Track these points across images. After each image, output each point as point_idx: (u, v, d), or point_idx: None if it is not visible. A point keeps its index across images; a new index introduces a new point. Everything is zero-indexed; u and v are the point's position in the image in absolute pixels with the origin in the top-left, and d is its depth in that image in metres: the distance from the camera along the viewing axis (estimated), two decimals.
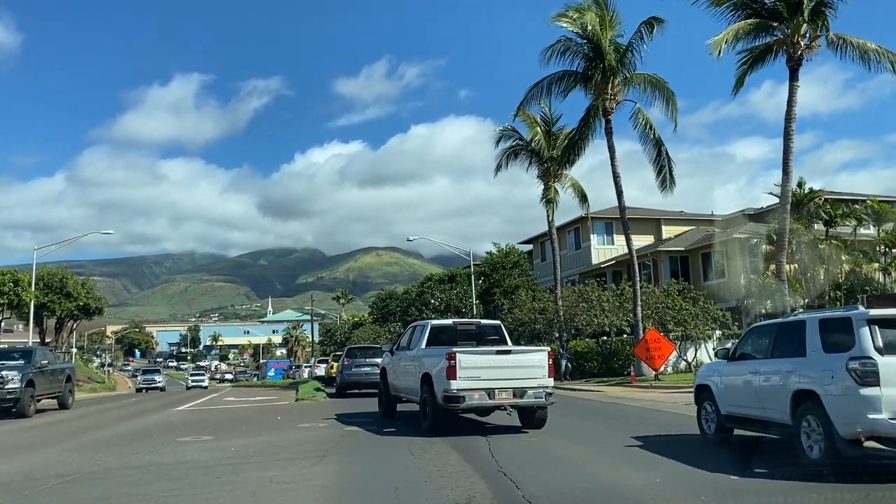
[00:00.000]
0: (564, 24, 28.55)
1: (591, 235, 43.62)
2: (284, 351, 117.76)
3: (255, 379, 72.83)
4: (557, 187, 35.03)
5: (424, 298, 49.64)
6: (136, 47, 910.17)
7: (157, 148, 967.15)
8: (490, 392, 11.65)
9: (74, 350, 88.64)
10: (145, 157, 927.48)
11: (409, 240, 47.21)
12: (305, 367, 53.64)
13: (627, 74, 29.01)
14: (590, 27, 28.23)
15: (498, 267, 41.40)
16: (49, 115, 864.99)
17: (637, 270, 29.23)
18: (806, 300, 32.88)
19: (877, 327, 7.93)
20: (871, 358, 7.76)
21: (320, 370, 41.34)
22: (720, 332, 32.34)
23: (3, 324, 42.86)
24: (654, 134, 29.12)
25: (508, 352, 12.37)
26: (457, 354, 11.61)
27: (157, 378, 52.33)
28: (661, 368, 27.46)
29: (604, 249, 43.71)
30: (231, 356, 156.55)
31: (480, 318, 48.03)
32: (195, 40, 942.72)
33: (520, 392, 11.73)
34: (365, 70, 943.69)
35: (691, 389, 22.77)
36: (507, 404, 11.97)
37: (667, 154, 29.20)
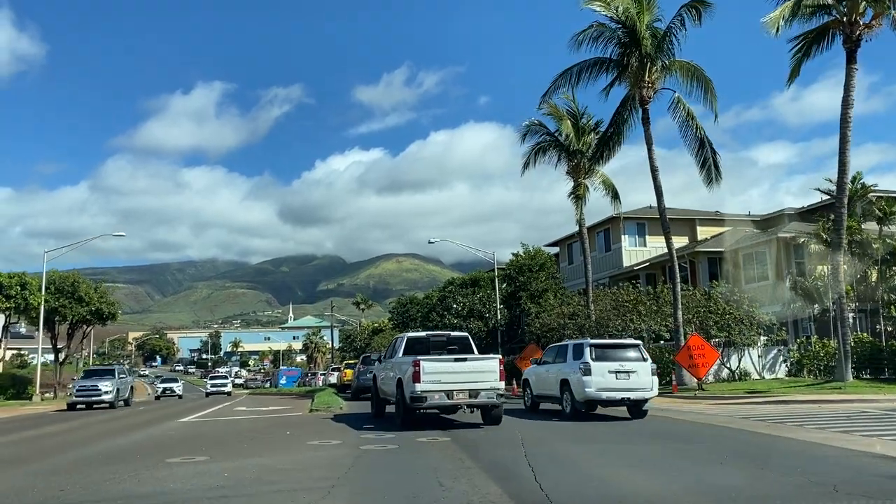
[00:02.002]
0: (598, 8, 26.66)
1: (623, 236, 41.47)
2: (304, 357, 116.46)
3: (269, 385, 71.31)
4: (588, 184, 32.95)
5: (446, 303, 47.72)
6: (158, 56, 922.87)
7: (180, 156, 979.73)
8: (449, 393, 13.93)
9: (83, 355, 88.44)
10: (168, 165, 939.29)
11: (430, 242, 45.46)
12: (321, 374, 52.13)
13: (666, 62, 27.01)
14: (625, 11, 26.31)
15: (524, 269, 39.32)
16: (73, 123, 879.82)
17: (678, 272, 27.11)
18: (856, 304, 30.54)
19: (593, 348, 16.87)
20: (588, 362, 16.34)
21: (333, 378, 40.01)
22: (765, 337, 30.11)
23: (10, 328, 41.78)
24: (696, 124, 27.07)
25: (465, 359, 14.57)
26: (421, 362, 13.88)
27: (175, 386, 52.32)
28: (705, 377, 25.32)
29: (635, 251, 41.54)
30: (251, 362, 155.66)
31: (505, 323, 46.06)
32: (217, 49, 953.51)
33: (474, 393, 14.08)
34: (385, 77, 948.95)
35: (742, 400, 20.83)
36: (463, 403, 14.35)
37: (710, 145, 27.13)
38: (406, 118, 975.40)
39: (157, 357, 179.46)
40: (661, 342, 30.26)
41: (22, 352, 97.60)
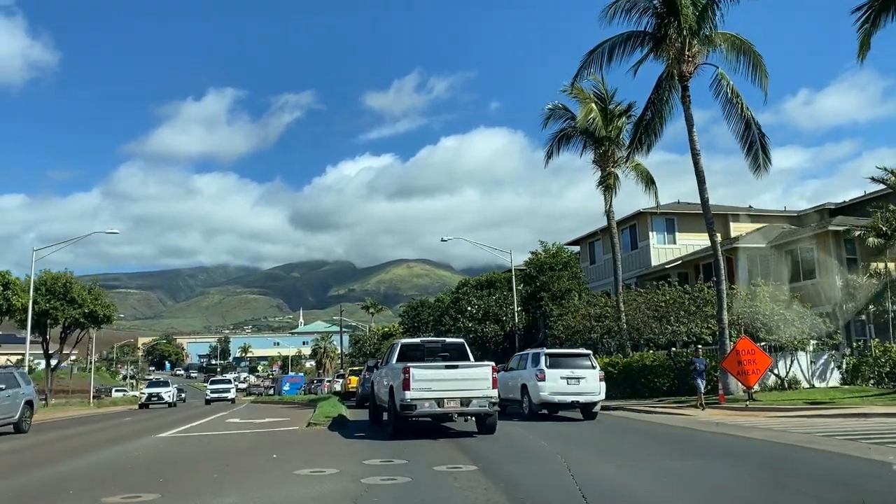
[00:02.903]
0: None
1: (650, 233, 38.55)
2: (313, 363, 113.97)
3: (272, 393, 68.45)
4: (617, 173, 30.03)
5: (460, 306, 44.94)
6: (170, 63, 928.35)
7: (191, 162, 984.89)
8: (440, 401, 13.49)
9: (86, 360, 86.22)
10: (179, 171, 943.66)
11: (443, 240, 42.66)
12: (326, 381, 49.55)
13: (708, 33, 24.20)
14: None
15: (545, 268, 36.42)
16: (85, 130, 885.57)
17: (723, 268, 24.24)
18: None
19: (548, 357, 19.89)
20: (543, 369, 19.41)
21: (338, 385, 37.59)
22: (814, 341, 27.12)
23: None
24: (742, 103, 24.20)
25: (456, 366, 14.06)
26: (410, 369, 13.46)
27: (165, 392, 43.33)
28: (755, 386, 22.41)
29: (664, 249, 38.60)
30: (260, 368, 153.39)
31: (523, 326, 43.17)
32: (229, 56, 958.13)
33: (466, 401, 13.58)
34: (396, 83, 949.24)
35: (805, 412, 17.81)
36: (454, 412, 13.80)
37: (758, 127, 24.25)
38: (417, 123, 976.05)
39: (167, 363, 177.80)
40: (698, 346, 27.35)
41: (19, 356, 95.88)
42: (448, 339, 18.01)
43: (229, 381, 53.59)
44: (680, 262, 35.18)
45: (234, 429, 18.41)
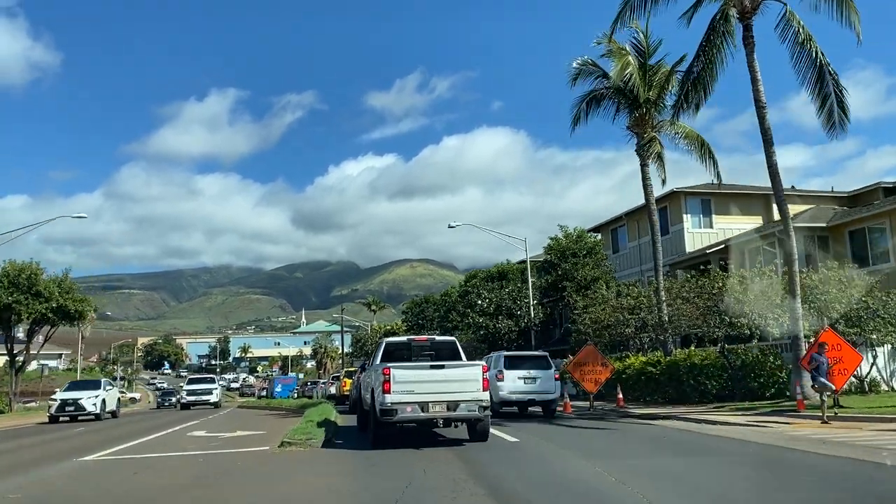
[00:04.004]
0: None
1: (685, 216, 34.31)
2: (314, 363, 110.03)
3: (265, 394, 63.82)
4: (659, 140, 25.61)
5: (469, 299, 40.74)
6: (172, 63, 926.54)
7: (193, 163, 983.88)
8: (423, 405, 12.32)
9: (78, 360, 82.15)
10: (182, 172, 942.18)
11: (450, 226, 38.40)
12: (321, 383, 45.43)
13: None
14: None
15: (567, 255, 32.13)
16: (88, 131, 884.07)
17: (794, 246, 19.99)
18: None
19: (506, 358, 21.33)
20: (502, 370, 20.83)
21: (332, 388, 33.63)
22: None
23: None
24: (815, 48, 19.94)
25: (442, 366, 12.85)
26: (391, 369, 12.37)
27: (86, 399, 28.61)
28: (842, 388, 18.16)
29: (699, 234, 34.37)
30: (260, 368, 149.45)
31: (539, 321, 38.94)
32: (230, 56, 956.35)
33: (453, 405, 12.41)
34: (398, 83, 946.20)
35: None
36: (440, 417, 12.58)
37: (834, 76, 20.00)
38: (419, 123, 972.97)
39: (166, 363, 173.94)
40: (752, 341, 23.16)
41: (18, 357, 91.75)
42: (438, 337, 16.87)
43: (212, 381, 43.17)
44: (723, 245, 30.89)
45: (190, 448, 14.26)
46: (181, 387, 40.04)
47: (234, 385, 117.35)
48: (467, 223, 41.51)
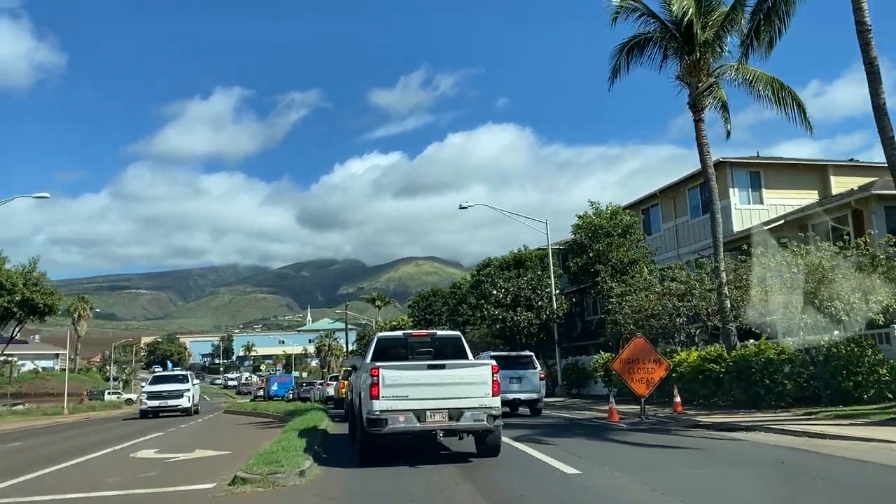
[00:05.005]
0: None
1: (731, 190, 29.95)
2: (317, 362, 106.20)
3: (262, 394, 59.21)
4: (714, 87, 21.13)
5: (483, 289, 36.52)
6: (177, 62, 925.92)
7: (199, 162, 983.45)
8: (420, 414, 10.28)
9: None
10: (187, 171, 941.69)
11: (461, 207, 34.19)
12: (319, 384, 41.36)
13: None
14: None
15: (600, 234, 27.75)
16: (93, 131, 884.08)
17: None
18: None
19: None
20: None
21: (331, 389, 29.71)
22: None
23: None
24: None
25: (442, 366, 10.68)
26: (379, 370, 10.35)
27: None
28: None
29: (748, 210, 30.04)
30: (263, 367, 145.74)
31: (563, 313, 34.67)
32: (234, 54, 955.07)
33: (456, 414, 10.37)
34: (402, 80, 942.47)
35: None
36: (440, 428, 10.48)
37: None
38: (423, 121, 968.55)
39: (169, 362, 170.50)
40: (836, 332, 18.83)
41: (12, 358, 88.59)
42: (440, 332, 14.26)
43: (183, 380, 32.84)
44: (783, 221, 26.50)
45: (108, 486, 10.10)
46: (141, 387, 32.03)
47: (231, 383, 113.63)
48: (481, 203, 37.22)
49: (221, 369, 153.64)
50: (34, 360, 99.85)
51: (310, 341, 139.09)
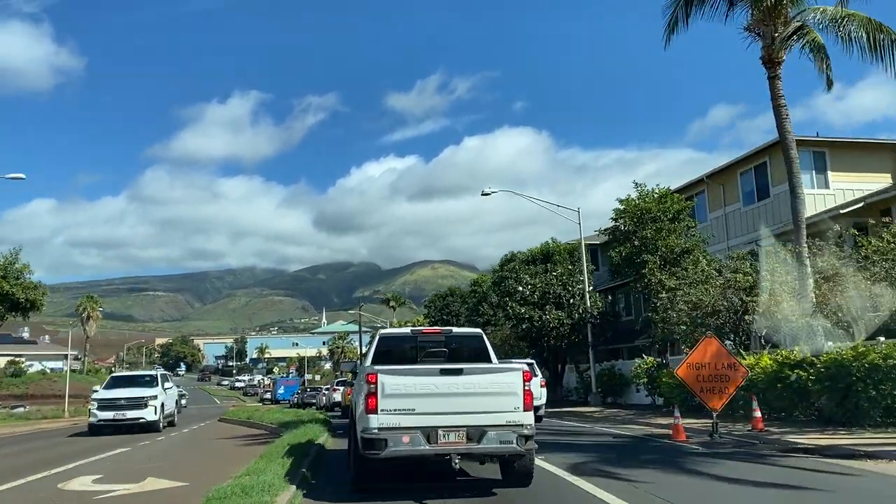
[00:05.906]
0: None
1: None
2: (331, 365, 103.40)
3: (268, 397, 56.04)
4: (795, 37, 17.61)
5: (506, 286, 33.08)
6: (195, 66, 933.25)
7: (217, 166, 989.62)
8: (429, 433, 7.95)
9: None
10: (205, 174, 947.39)
11: (484, 193, 30.84)
12: (324, 390, 38.29)
13: None
14: None
15: (646, 220, 24.17)
16: (113, 134, 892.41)
17: None
18: None
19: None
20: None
21: (337, 395, 26.72)
22: None
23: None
24: None
25: (459, 371, 8.24)
26: (377, 375, 8.09)
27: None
28: None
29: (812, 195, 26.33)
30: (276, 370, 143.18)
31: (599, 312, 31.10)
32: (253, 58, 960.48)
33: (476, 433, 8.04)
34: (419, 84, 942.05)
35: None
36: (456, 451, 8.01)
37: None
38: (440, 124, 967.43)
39: (182, 364, 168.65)
40: None
41: (19, 358, 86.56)
42: (456, 329, 11.09)
43: (150, 383, 24.40)
44: (863, 203, 22.82)
45: None
46: (94, 390, 24.67)
47: (238, 384, 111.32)
48: (505, 189, 33.77)
49: (234, 371, 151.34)
50: (42, 360, 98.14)
51: (324, 343, 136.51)
